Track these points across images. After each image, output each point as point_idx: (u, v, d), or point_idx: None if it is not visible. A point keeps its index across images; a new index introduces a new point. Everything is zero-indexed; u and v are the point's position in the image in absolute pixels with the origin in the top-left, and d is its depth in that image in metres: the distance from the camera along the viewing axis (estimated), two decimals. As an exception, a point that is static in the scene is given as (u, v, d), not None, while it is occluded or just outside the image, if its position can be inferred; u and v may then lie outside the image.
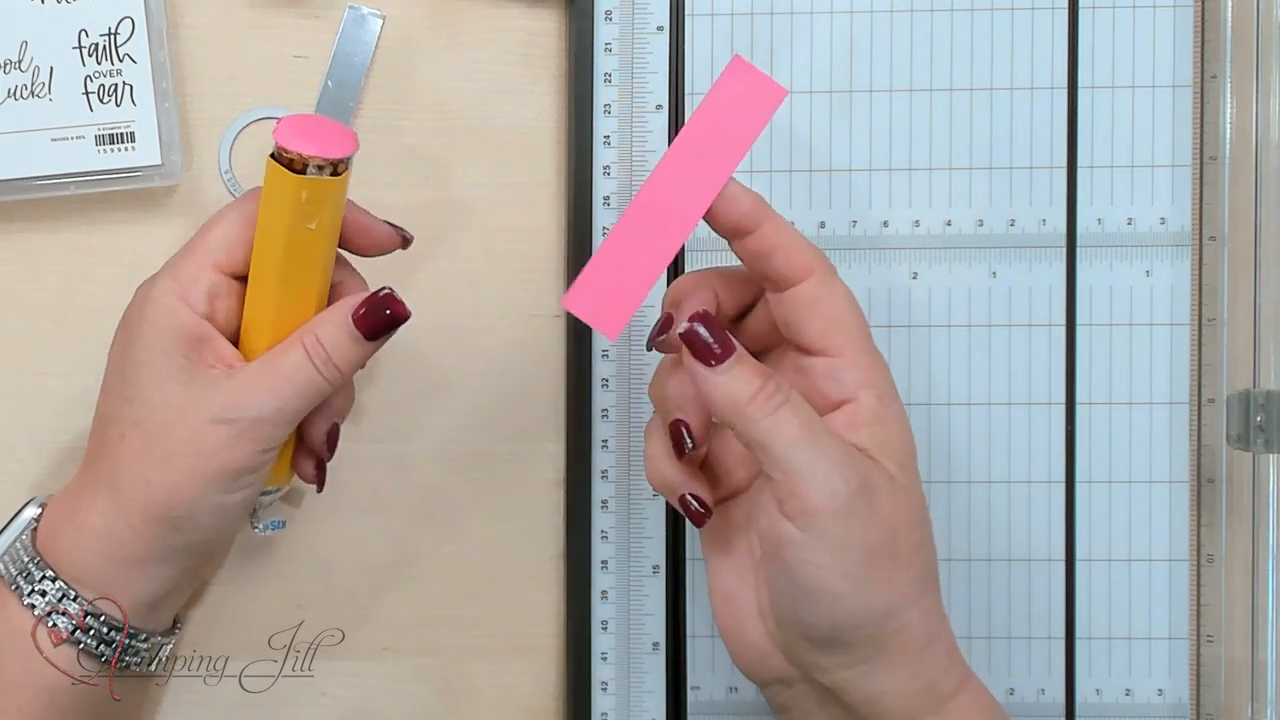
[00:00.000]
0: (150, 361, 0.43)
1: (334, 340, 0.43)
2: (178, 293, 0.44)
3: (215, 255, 0.44)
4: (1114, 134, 0.53)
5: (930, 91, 0.53)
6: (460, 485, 0.54)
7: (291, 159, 0.42)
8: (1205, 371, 0.53)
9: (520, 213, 0.54)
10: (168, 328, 0.43)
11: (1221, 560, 0.53)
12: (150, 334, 0.44)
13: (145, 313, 0.44)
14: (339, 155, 0.43)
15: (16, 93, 0.51)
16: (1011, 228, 0.53)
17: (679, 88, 0.53)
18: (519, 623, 0.55)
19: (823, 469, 0.40)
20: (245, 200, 0.45)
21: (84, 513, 0.44)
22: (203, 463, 0.43)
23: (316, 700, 0.54)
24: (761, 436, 0.40)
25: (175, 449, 0.43)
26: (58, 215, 0.54)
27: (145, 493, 0.43)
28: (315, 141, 0.42)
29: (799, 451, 0.40)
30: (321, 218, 0.43)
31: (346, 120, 0.54)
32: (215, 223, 0.45)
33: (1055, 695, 0.53)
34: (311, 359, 0.43)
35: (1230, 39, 0.52)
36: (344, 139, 0.43)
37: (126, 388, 0.44)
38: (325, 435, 0.47)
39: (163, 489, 0.43)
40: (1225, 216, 0.53)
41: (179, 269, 0.44)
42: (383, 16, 0.54)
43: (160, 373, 0.43)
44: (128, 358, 0.44)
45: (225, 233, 0.44)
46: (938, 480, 0.54)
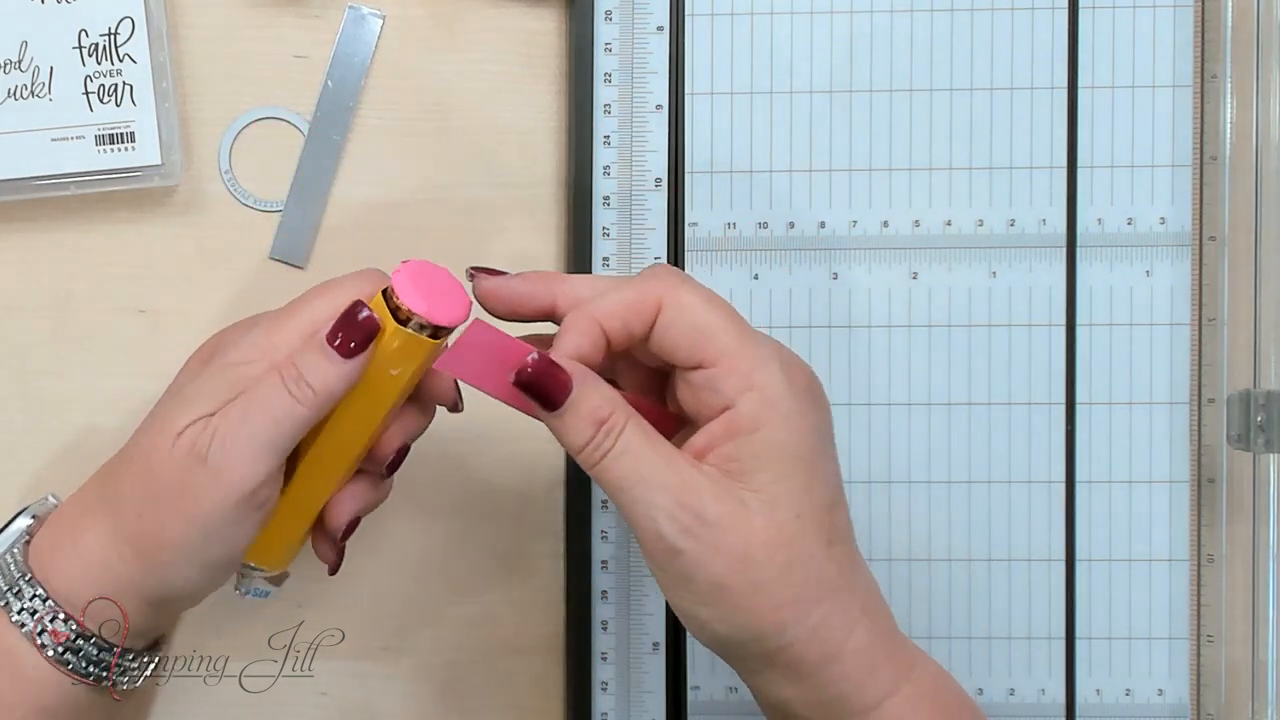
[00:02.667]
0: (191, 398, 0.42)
1: (308, 360, 0.41)
2: (266, 351, 0.42)
3: (318, 329, 0.42)
4: (1114, 134, 0.53)
5: (930, 91, 0.53)
6: (460, 485, 0.54)
7: (398, 306, 0.41)
8: (1205, 371, 0.53)
9: (520, 213, 0.54)
10: (234, 381, 0.42)
11: (1221, 560, 0.53)
12: (213, 372, 0.42)
13: (224, 354, 0.43)
14: (444, 322, 0.42)
15: (16, 93, 0.51)
16: (1011, 228, 0.53)
17: (679, 88, 0.53)
18: (519, 623, 0.55)
19: (644, 517, 0.40)
20: (357, 279, 0.43)
21: (82, 531, 0.43)
22: (187, 505, 0.41)
23: (316, 700, 0.54)
24: (599, 479, 0.40)
25: (166, 492, 0.41)
26: (58, 215, 0.54)
27: (139, 527, 0.42)
28: (429, 297, 0.41)
29: (627, 498, 0.40)
30: (404, 369, 0.42)
31: (347, 120, 0.54)
32: (327, 298, 0.43)
33: (1055, 695, 0.53)
34: (285, 383, 0.41)
35: (1230, 39, 0.52)
36: (456, 303, 0.42)
37: (157, 412, 0.43)
38: (346, 523, 0.46)
39: (153, 528, 0.42)
40: (1225, 216, 0.53)
41: (275, 329, 0.42)
42: (383, 16, 0.54)
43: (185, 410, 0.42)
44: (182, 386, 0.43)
45: (336, 309, 0.42)
46: (938, 480, 0.54)
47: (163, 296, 0.54)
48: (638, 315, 0.41)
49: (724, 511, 0.39)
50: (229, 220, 0.54)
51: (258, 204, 0.54)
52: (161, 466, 0.41)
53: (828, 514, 0.41)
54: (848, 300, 0.53)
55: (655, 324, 0.41)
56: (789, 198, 0.54)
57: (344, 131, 0.54)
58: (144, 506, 0.42)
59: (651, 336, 0.41)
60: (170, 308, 0.54)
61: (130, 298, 0.54)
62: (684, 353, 0.40)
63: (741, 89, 0.53)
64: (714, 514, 0.39)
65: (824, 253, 0.53)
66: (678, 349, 0.41)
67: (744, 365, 0.40)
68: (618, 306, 0.41)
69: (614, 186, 0.53)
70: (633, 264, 0.53)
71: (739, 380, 0.40)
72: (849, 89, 0.54)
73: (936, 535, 0.54)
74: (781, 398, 0.40)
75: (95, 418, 0.54)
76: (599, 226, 0.53)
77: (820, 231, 0.54)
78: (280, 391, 0.41)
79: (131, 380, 0.54)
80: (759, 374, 0.40)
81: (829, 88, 0.54)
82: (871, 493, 0.53)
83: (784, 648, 0.40)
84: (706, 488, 0.40)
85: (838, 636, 0.40)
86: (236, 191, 0.54)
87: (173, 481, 0.41)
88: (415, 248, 0.54)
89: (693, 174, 0.53)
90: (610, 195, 0.53)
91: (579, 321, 0.41)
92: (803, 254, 0.53)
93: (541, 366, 0.40)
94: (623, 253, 0.53)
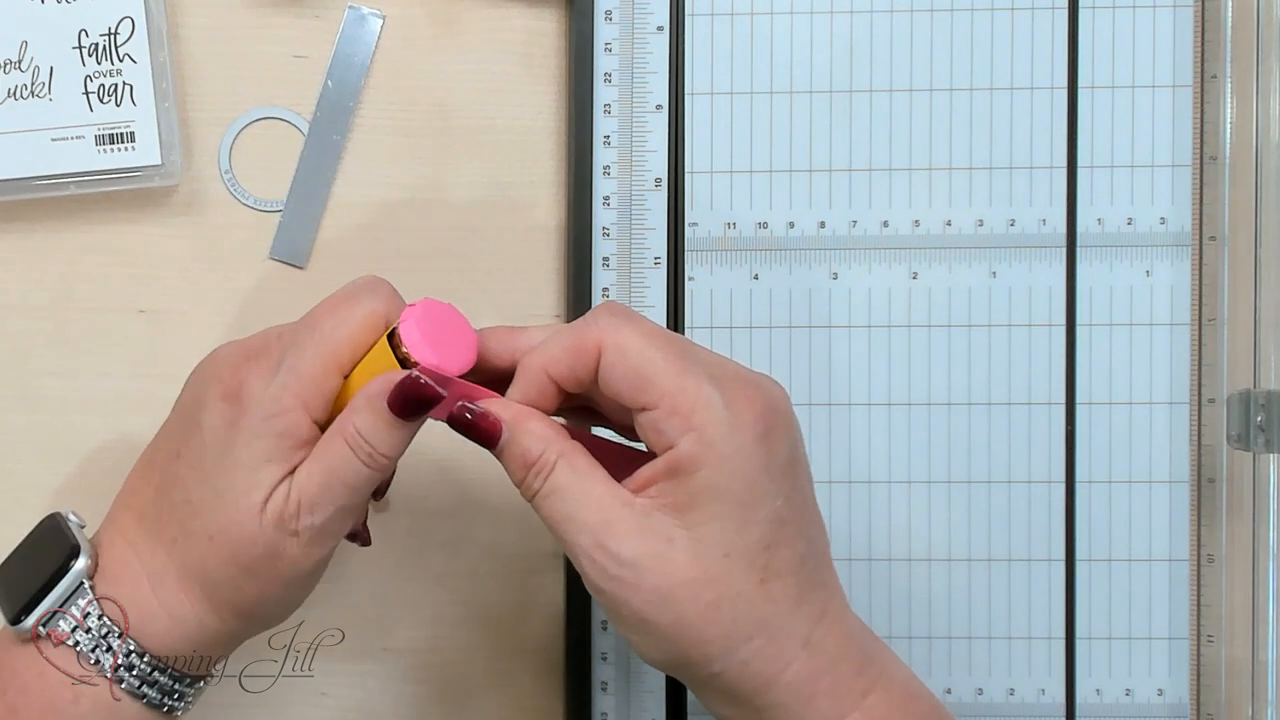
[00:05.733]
0: (250, 464, 0.42)
1: (375, 430, 0.41)
2: (299, 394, 0.42)
3: (340, 358, 0.42)
4: (1114, 134, 0.53)
5: (930, 91, 0.53)
6: (460, 485, 0.54)
7: (406, 356, 0.41)
8: (1205, 371, 0.53)
9: (520, 213, 0.54)
10: (282, 431, 0.41)
11: (1221, 560, 0.53)
12: (259, 429, 0.42)
13: (260, 404, 0.42)
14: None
15: (16, 93, 0.51)
16: (1011, 228, 0.53)
17: (679, 88, 0.53)
18: (519, 623, 0.55)
19: (571, 555, 0.41)
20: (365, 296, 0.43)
21: (174, 597, 0.43)
22: (282, 569, 0.42)
23: (317, 700, 0.54)
24: (537, 511, 0.42)
25: (259, 564, 0.42)
26: (58, 215, 0.54)
27: (236, 596, 0.43)
28: (435, 344, 0.41)
29: (558, 535, 0.41)
30: None
31: (347, 120, 0.54)
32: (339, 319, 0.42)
33: (1055, 695, 0.53)
34: (356, 454, 0.42)
35: (1230, 39, 0.52)
36: (463, 351, 0.42)
37: (215, 476, 0.42)
38: None
39: (252, 594, 0.43)
40: (1225, 216, 0.53)
41: (301, 366, 0.42)
42: (383, 16, 0.54)
43: (256, 479, 0.42)
44: (228, 443, 0.42)
45: (350, 333, 0.42)
46: (938, 480, 0.54)
47: (163, 296, 0.54)
48: (580, 361, 0.41)
49: (644, 551, 0.40)
50: (229, 220, 0.54)
51: (258, 204, 0.54)
52: (252, 543, 0.42)
53: (763, 553, 0.41)
54: (848, 300, 0.53)
55: (599, 368, 0.41)
56: (789, 198, 0.54)
57: (344, 131, 0.54)
58: (240, 580, 0.42)
59: (598, 380, 0.41)
60: (170, 308, 0.54)
61: (130, 298, 0.54)
62: (627, 396, 0.41)
63: (741, 89, 0.53)
64: (631, 554, 0.40)
65: (824, 253, 0.53)
66: (621, 393, 0.41)
67: (685, 406, 0.40)
68: (561, 354, 0.41)
69: (614, 186, 0.53)
70: (633, 264, 0.53)
71: (680, 422, 0.40)
72: (849, 89, 0.54)
73: (936, 535, 0.54)
74: (721, 439, 0.40)
75: (95, 418, 0.54)
76: (599, 226, 0.53)
77: (820, 231, 0.54)
78: (354, 462, 0.42)
79: (131, 380, 0.54)
80: (699, 415, 0.40)
81: (829, 88, 0.54)
82: (871, 493, 0.53)
83: (715, 676, 0.41)
84: (630, 528, 0.40)
85: (770, 669, 0.41)
86: (236, 191, 0.54)
87: (265, 554, 0.42)
88: (415, 248, 0.54)
89: (693, 174, 0.53)
90: (610, 195, 0.53)
91: (525, 372, 0.42)
92: (803, 254, 0.53)
93: (472, 415, 0.41)
94: (623, 253, 0.53)
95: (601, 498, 0.41)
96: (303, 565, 0.43)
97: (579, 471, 0.41)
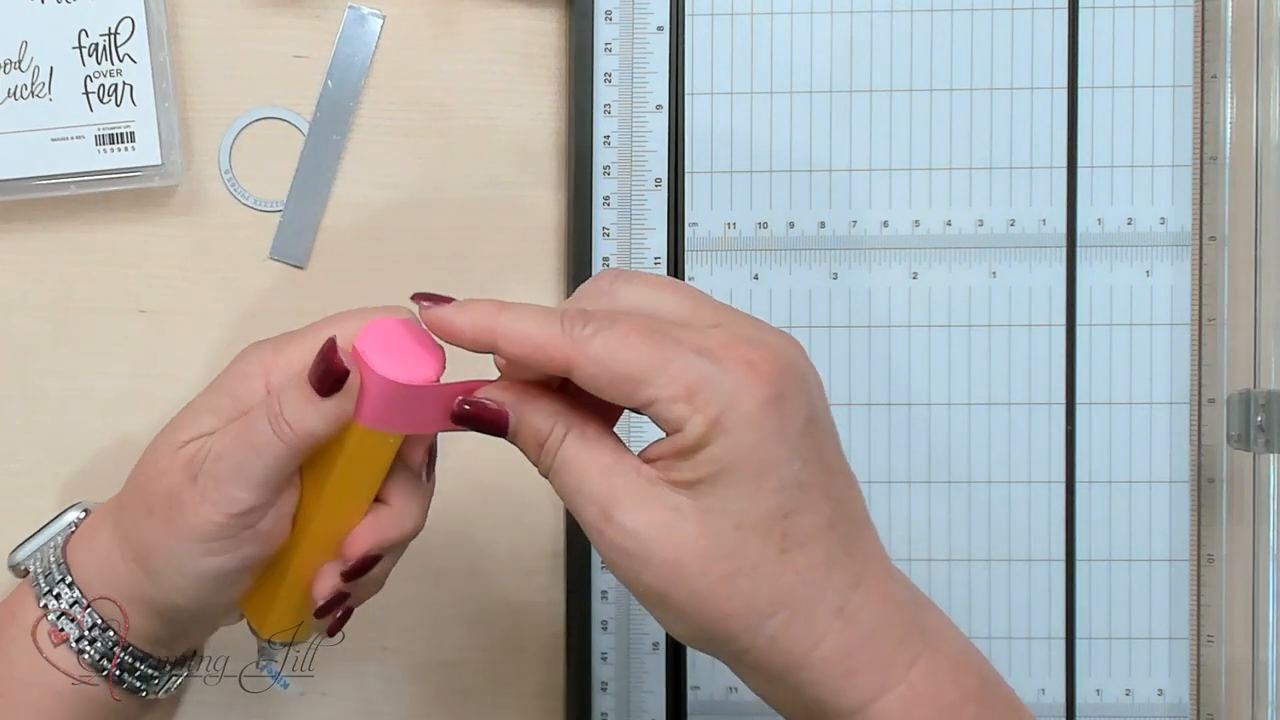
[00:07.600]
0: (195, 409, 0.43)
1: (289, 396, 0.41)
2: (267, 367, 0.43)
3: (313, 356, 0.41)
4: (1114, 134, 0.53)
5: (930, 91, 0.53)
6: (460, 485, 0.54)
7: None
8: (1205, 371, 0.53)
9: (520, 213, 0.54)
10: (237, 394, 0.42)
11: (1221, 560, 0.53)
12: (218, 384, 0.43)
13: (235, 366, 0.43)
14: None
15: (16, 93, 0.51)
16: (1011, 228, 0.53)
17: (679, 88, 0.53)
18: (519, 623, 0.55)
19: (583, 528, 0.40)
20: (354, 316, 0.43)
21: (99, 531, 0.45)
22: (175, 518, 0.42)
23: (317, 700, 0.54)
24: (554, 489, 0.41)
25: (158, 501, 0.42)
26: (58, 215, 0.54)
27: (136, 534, 0.43)
28: (400, 360, 0.40)
29: (571, 510, 0.40)
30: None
31: (347, 120, 0.54)
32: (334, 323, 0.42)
33: (1055, 695, 0.53)
34: (270, 422, 0.41)
35: (1230, 39, 0.52)
36: (427, 364, 0.41)
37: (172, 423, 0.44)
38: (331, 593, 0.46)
39: (149, 536, 0.43)
40: (1225, 216, 0.53)
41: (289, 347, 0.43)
42: (383, 16, 0.54)
43: (190, 421, 0.43)
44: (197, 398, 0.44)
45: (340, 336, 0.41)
46: (938, 480, 0.54)
47: (163, 296, 0.54)
48: (555, 369, 0.39)
49: (650, 520, 0.38)
50: (229, 220, 0.54)
51: (258, 204, 0.54)
52: (159, 478, 0.42)
53: (781, 521, 0.39)
54: (848, 300, 0.54)
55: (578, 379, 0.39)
56: (789, 198, 0.54)
57: (344, 131, 0.54)
58: (140, 515, 0.43)
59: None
60: (170, 308, 0.54)
61: (130, 298, 0.54)
62: (621, 402, 0.39)
63: (741, 89, 0.53)
64: (635, 524, 0.38)
65: (824, 253, 0.54)
66: (614, 399, 0.39)
67: (682, 392, 0.38)
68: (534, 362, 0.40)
69: (614, 186, 0.53)
70: (633, 264, 0.53)
71: (682, 408, 0.38)
72: (849, 89, 0.54)
73: (936, 535, 0.54)
74: (725, 414, 0.38)
75: (95, 418, 0.54)
76: (599, 226, 0.53)
77: (820, 231, 0.54)
78: (264, 424, 0.41)
79: (131, 380, 0.54)
80: (700, 396, 0.38)
81: (829, 88, 0.54)
82: (871, 493, 0.53)
83: (743, 653, 0.39)
84: (635, 497, 0.39)
85: (802, 645, 0.39)
86: (236, 191, 0.54)
87: (166, 494, 0.42)
88: (415, 248, 0.54)
89: (693, 174, 0.53)
90: (610, 195, 0.53)
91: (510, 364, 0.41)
92: (803, 254, 0.53)
93: (472, 406, 0.40)
94: (623, 252, 0.53)
95: (610, 466, 0.39)
96: (195, 521, 0.41)
97: (588, 440, 0.40)
